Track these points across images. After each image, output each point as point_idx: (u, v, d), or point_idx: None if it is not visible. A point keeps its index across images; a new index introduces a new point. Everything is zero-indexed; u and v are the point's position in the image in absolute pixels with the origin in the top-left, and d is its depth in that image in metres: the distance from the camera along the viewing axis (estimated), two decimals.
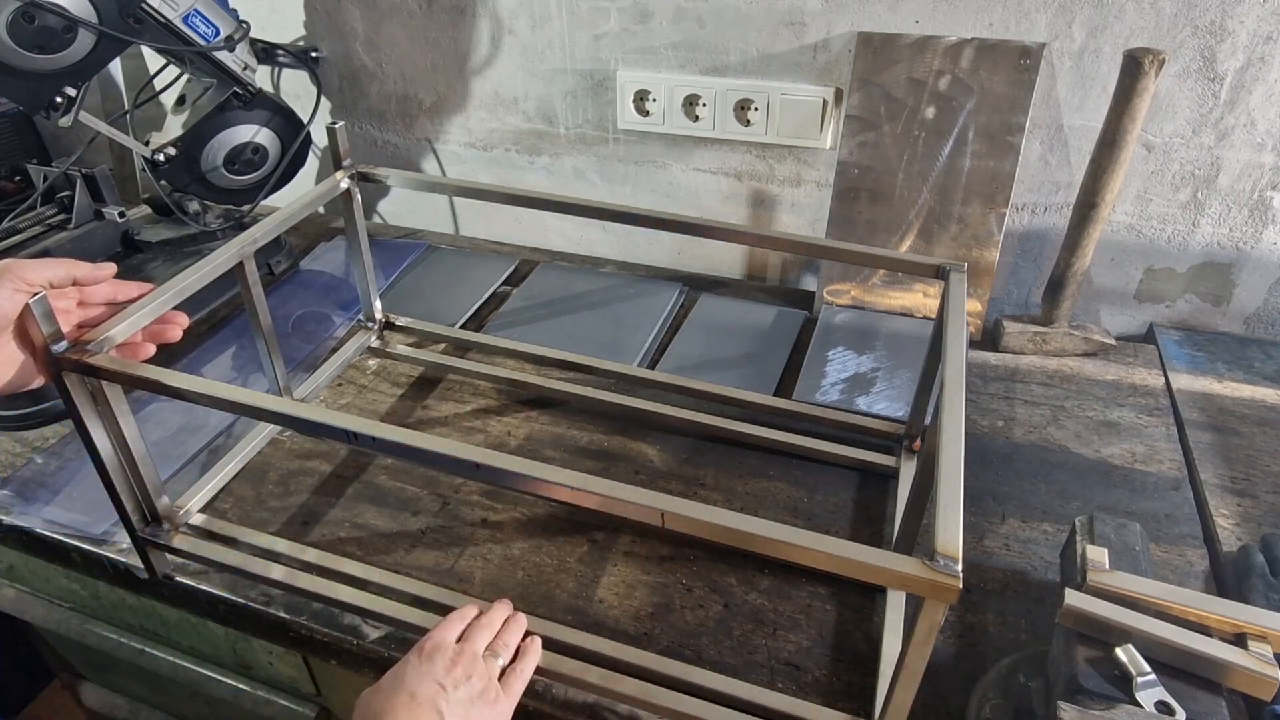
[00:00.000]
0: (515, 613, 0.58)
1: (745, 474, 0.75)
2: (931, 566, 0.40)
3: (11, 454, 0.78)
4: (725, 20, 0.92)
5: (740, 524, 0.43)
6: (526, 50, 1.03)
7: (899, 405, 0.81)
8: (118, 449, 0.59)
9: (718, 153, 1.01)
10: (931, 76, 0.86)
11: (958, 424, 0.49)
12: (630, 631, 0.62)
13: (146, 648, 0.85)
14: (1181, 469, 0.75)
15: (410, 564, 0.67)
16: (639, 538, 0.69)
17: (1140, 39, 0.80)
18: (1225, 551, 0.66)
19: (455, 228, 1.23)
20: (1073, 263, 0.85)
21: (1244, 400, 0.83)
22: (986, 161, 0.87)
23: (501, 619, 0.57)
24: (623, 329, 0.94)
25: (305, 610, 0.64)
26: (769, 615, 0.63)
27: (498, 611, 0.57)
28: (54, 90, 0.82)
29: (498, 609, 0.58)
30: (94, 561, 0.70)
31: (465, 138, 1.13)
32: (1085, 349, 0.90)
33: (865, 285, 0.96)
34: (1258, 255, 0.88)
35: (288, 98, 1.15)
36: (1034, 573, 0.66)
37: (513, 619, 0.58)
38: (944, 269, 0.64)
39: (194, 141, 0.95)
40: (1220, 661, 0.47)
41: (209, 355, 0.91)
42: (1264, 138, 0.82)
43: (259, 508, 0.72)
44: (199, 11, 0.88)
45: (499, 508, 0.72)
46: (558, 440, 0.80)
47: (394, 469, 0.76)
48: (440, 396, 0.85)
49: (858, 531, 0.70)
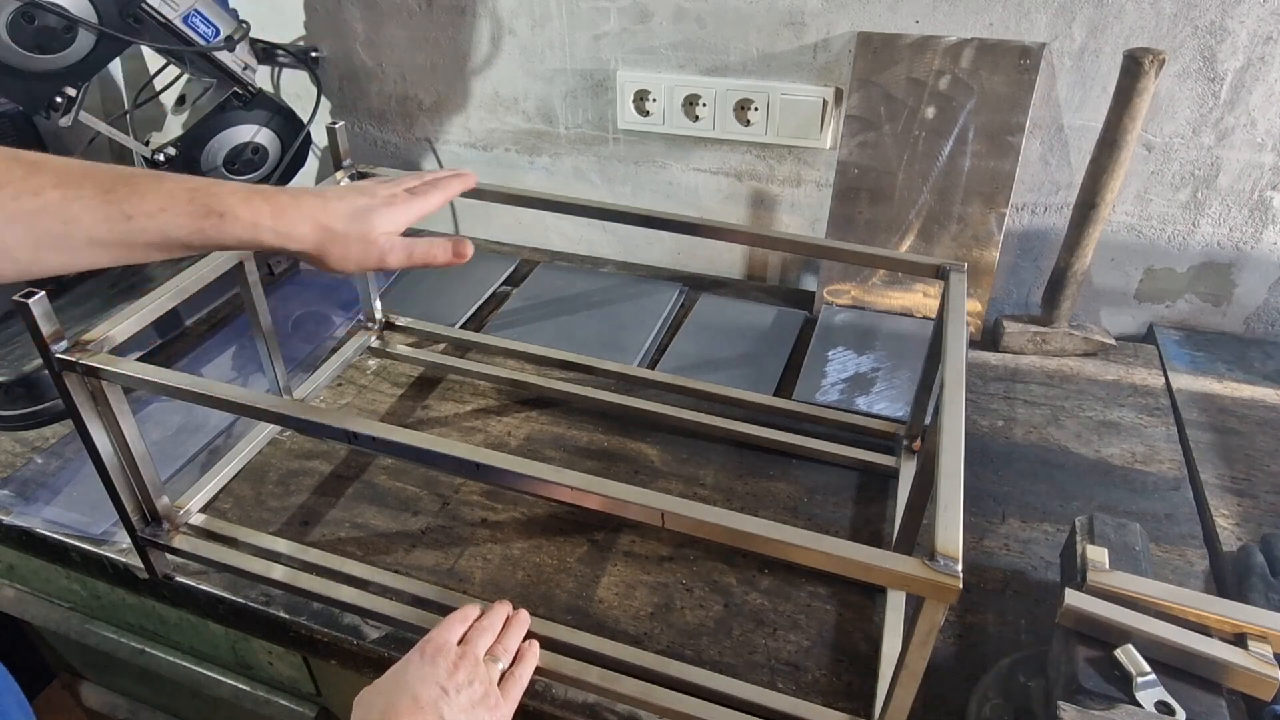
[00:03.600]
0: (516, 611, 0.58)
1: (745, 474, 0.75)
2: (931, 566, 0.40)
3: (11, 454, 0.78)
4: (725, 20, 0.92)
5: (740, 524, 0.43)
6: (526, 50, 1.03)
7: (899, 405, 0.81)
8: (118, 449, 0.59)
9: (718, 153, 1.01)
10: (931, 76, 0.86)
11: (958, 424, 0.49)
12: (630, 631, 0.62)
13: (146, 648, 0.85)
14: (1181, 469, 0.75)
15: (410, 564, 0.67)
16: (639, 538, 0.69)
17: (1140, 39, 0.80)
18: (1225, 551, 0.66)
19: (455, 228, 1.23)
20: (1073, 263, 0.85)
21: (1244, 400, 0.83)
22: (986, 161, 0.87)
23: (502, 620, 0.57)
24: (623, 329, 0.94)
25: (305, 610, 0.64)
26: (769, 615, 0.63)
27: (498, 613, 0.57)
28: (54, 90, 0.82)
29: (498, 610, 0.58)
30: (94, 561, 0.70)
31: (465, 138, 1.13)
32: (1085, 349, 0.90)
33: (865, 285, 0.96)
34: (1258, 255, 0.88)
35: (288, 98, 1.15)
36: (1034, 573, 0.66)
37: (514, 619, 0.58)
38: (944, 269, 0.64)
39: (194, 141, 0.95)
40: (1220, 661, 0.47)
41: (209, 355, 0.91)
42: (1264, 138, 0.82)
43: (259, 508, 0.72)
44: (199, 11, 0.88)
45: (499, 508, 0.72)
46: (558, 440, 0.80)
47: (394, 469, 0.76)
48: (440, 396, 0.85)
49: (858, 531, 0.70)
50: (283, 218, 0.49)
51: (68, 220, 0.44)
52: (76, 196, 0.44)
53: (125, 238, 0.45)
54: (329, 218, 0.50)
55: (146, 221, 0.45)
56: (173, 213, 0.46)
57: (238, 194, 0.48)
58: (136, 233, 0.45)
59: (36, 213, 0.43)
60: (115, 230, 0.45)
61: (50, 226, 0.44)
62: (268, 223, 0.48)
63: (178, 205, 0.46)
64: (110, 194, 0.45)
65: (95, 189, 0.45)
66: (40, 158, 0.45)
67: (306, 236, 0.50)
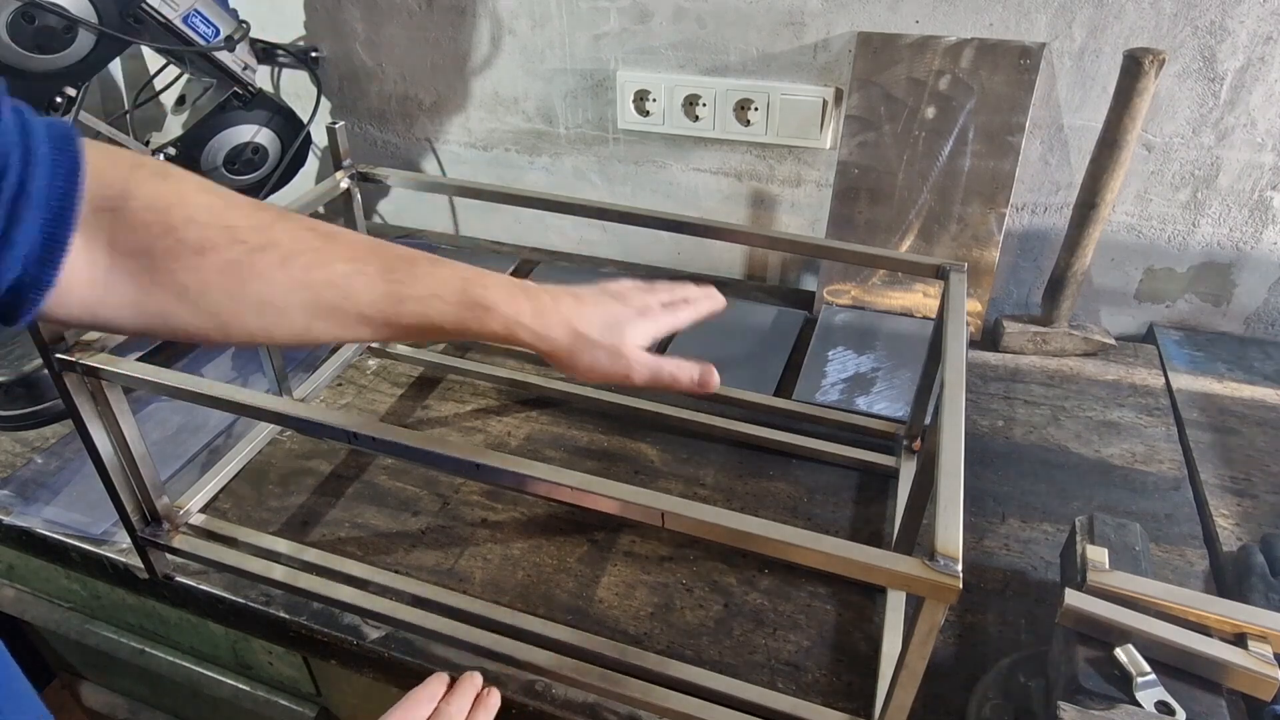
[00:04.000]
0: (487, 690, 0.57)
1: (745, 474, 0.75)
2: (931, 566, 0.40)
3: (11, 454, 0.78)
4: (725, 20, 0.92)
5: (740, 524, 0.43)
6: (526, 50, 1.03)
7: (899, 405, 0.81)
8: (118, 449, 0.59)
9: (718, 153, 1.01)
10: (931, 76, 0.86)
11: (958, 424, 0.49)
12: (630, 631, 0.62)
13: (146, 648, 0.85)
14: (1181, 469, 0.75)
15: (410, 564, 0.67)
16: (639, 538, 0.69)
17: (1140, 39, 0.80)
18: (1225, 551, 0.66)
19: (455, 228, 1.23)
20: (1073, 263, 0.85)
21: (1244, 400, 0.83)
22: (986, 161, 0.87)
23: (469, 704, 0.55)
24: None
25: (305, 610, 0.64)
26: (769, 615, 0.63)
27: (465, 692, 0.56)
28: (54, 90, 0.82)
29: (465, 688, 0.56)
30: (94, 561, 0.70)
31: (465, 138, 1.13)
32: (1085, 349, 0.90)
33: (865, 285, 0.96)
34: (1258, 255, 0.88)
35: (288, 98, 1.15)
36: (1034, 573, 0.66)
37: (482, 701, 0.56)
38: (944, 269, 0.64)
39: (194, 141, 0.95)
40: (1220, 661, 0.47)
41: (209, 355, 0.91)
42: (1264, 138, 0.82)
43: (259, 508, 0.72)
44: (199, 11, 0.88)
45: (499, 508, 0.72)
46: (558, 440, 0.80)
47: (394, 469, 0.76)
48: (440, 396, 0.85)
49: (858, 531, 0.70)
50: (541, 318, 0.49)
51: (347, 295, 0.44)
52: (359, 272, 0.44)
53: (393, 318, 0.45)
54: (584, 325, 0.50)
55: (416, 305, 0.45)
56: (443, 300, 0.46)
57: (503, 288, 0.48)
58: (405, 315, 0.45)
59: (323, 284, 0.43)
60: (386, 309, 0.45)
61: (330, 298, 0.44)
62: (527, 322, 0.48)
63: (448, 293, 0.46)
64: (390, 274, 0.45)
65: (379, 267, 0.45)
66: (334, 231, 0.45)
67: (560, 341, 0.49)
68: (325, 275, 0.43)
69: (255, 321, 0.42)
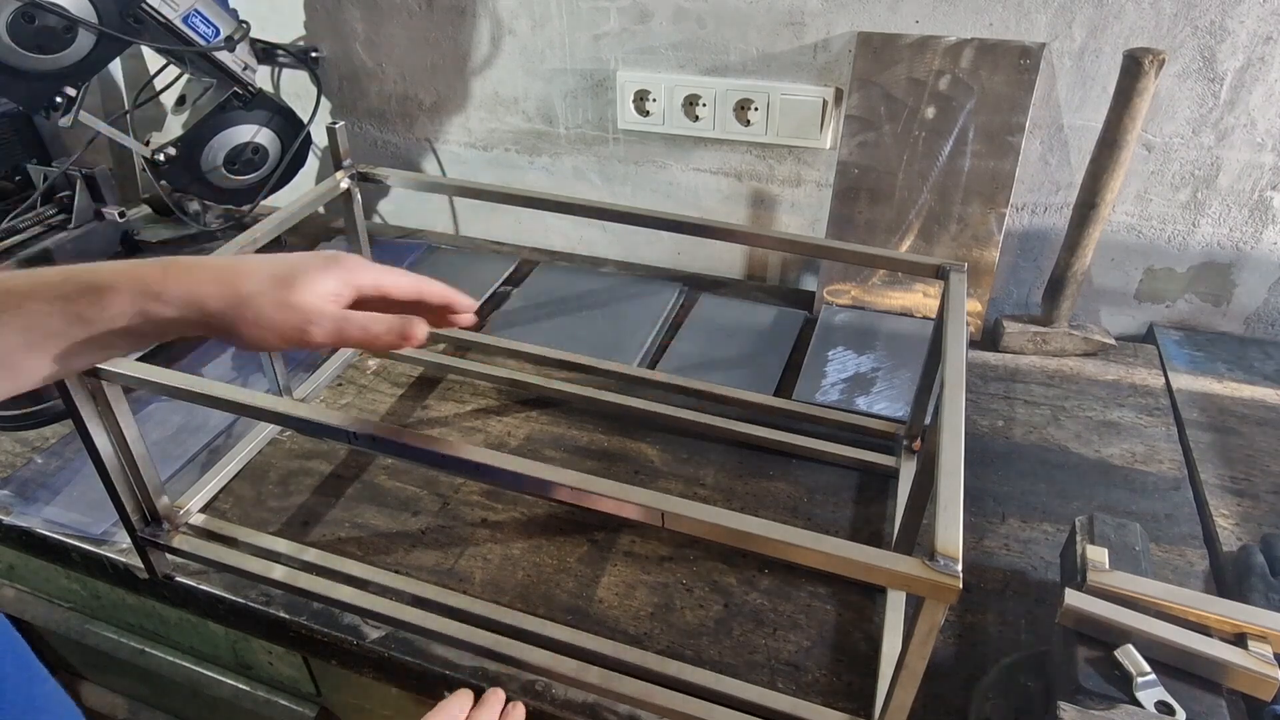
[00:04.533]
0: (513, 704, 0.56)
1: (745, 474, 0.75)
2: (931, 566, 0.40)
3: (11, 454, 0.78)
4: (725, 20, 0.92)
5: (740, 524, 0.43)
6: (526, 50, 1.03)
7: (899, 405, 0.81)
8: (118, 449, 0.59)
9: (718, 153, 1.01)
10: (931, 76, 0.86)
11: (958, 424, 0.49)
12: (630, 631, 0.62)
13: (146, 648, 0.85)
14: (1181, 469, 0.75)
15: (410, 564, 0.67)
16: (639, 538, 0.69)
17: (1140, 39, 0.80)
18: (1225, 551, 0.66)
19: (455, 228, 1.23)
20: (1073, 263, 0.85)
21: (1244, 400, 0.83)
22: (986, 161, 0.87)
23: (495, 715, 0.54)
24: (623, 329, 0.94)
25: (305, 610, 0.64)
26: (769, 615, 0.63)
27: (492, 706, 0.55)
28: (54, 90, 0.82)
29: (491, 703, 0.55)
30: (94, 561, 0.70)
31: (465, 138, 1.13)
32: (1085, 349, 0.90)
33: (865, 285, 0.96)
34: (1258, 255, 0.88)
35: (288, 98, 1.15)
36: (1034, 573, 0.66)
37: (507, 716, 0.55)
38: (944, 269, 0.64)
39: (194, 141, 0.95)
40: (1220, 661, 0.47)
41: (209, 355, 0.91)
42: (1264, 138, 0.82)
43: (259, 508, 0.72)
44: (199, 11, 0.88)
45: (499, 508, 0.72)
46: (558, 440, 0.80)
47: (394, 469, 0.76)
48: (440, 396, 0.85)
49: (858, 531, 0.70)
50: (180, 282, 0.39)
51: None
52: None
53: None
54: (244, 279, 0.41)
55: (10, 318, 0.37)
56: (38, 299, 0.37)
57: (127, 264, 0.40)
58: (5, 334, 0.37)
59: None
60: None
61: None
62: (158, 288, 0.39)
63: (47, 289, 0.37)
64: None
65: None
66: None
67: (211, 304, 0.40)
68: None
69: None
